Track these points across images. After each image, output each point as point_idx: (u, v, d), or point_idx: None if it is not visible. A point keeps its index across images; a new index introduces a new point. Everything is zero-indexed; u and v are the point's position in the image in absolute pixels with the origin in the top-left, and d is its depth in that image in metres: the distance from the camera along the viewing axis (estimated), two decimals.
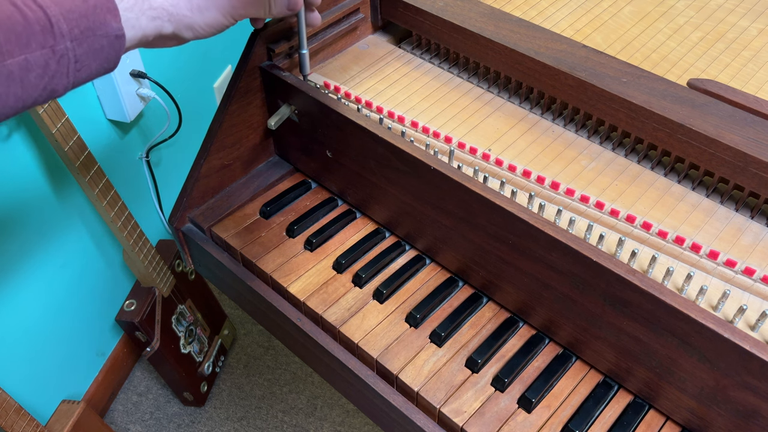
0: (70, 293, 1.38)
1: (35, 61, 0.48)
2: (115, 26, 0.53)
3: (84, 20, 0.51)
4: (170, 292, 1.47)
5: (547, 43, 0.79)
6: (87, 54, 0.52)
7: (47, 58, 0.49)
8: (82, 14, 0.51)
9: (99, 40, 0.52)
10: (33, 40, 0.48)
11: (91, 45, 0.52)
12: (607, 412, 0.66)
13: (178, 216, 0.88)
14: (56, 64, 0.50)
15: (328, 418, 1.61)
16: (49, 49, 0.49)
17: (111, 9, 0.53)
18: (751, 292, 0.63)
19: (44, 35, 0.49)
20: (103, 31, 0.52)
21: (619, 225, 0.70)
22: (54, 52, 0.49)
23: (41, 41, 0.48)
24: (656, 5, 0.96)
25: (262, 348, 1.75)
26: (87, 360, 1.52)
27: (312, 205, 0.87)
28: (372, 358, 0.71)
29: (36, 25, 0.48)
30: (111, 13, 0.53)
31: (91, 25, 0.52)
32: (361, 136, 0.74)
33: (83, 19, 0.51)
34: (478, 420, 0.66)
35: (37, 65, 0.49)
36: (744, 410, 0.57)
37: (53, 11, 0.49)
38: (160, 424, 1.61)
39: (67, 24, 0.50)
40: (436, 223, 0.74)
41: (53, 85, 0.50)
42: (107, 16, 0.53)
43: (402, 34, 0.96)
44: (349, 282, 0.78)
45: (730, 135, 0.67)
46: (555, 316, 0.68)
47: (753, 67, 0.85)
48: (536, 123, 0.81)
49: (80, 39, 0.51)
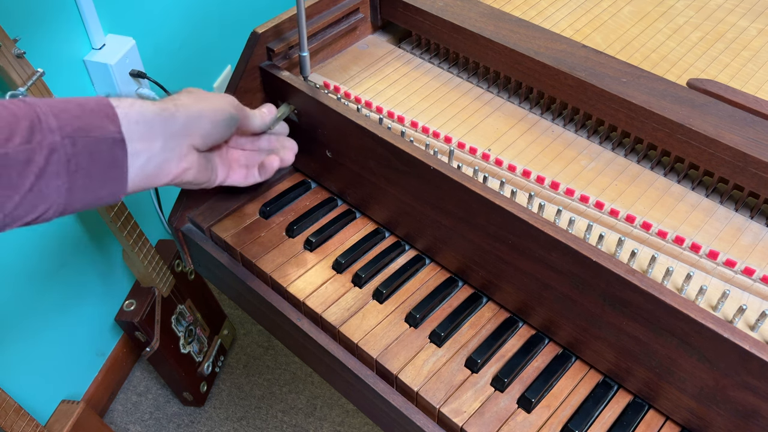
0: (70, 293, 1.38)
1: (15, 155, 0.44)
2: (112, 129, 0.50)
3: (77, 121, 0.48)
4: (170, 292, 1.47)
5: (546, 43, 0.79)
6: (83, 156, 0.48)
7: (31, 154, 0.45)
8: (75, 115, 0.48)
9: (96, 143, 0.49)
10: (17, 134, 0.45)
11: (87, 147, 0.48)
12: (607, 412, 0.66)
13: (178, 216, 0.88)
14: (44, 160, 0.46)
15: (327, 418, 1.61)
16: (36, 144, 0.45)
17: (109, 114, 0.50)
18: (751, 292, 0.63)
19: (31, 130, 0.45)
20: (98, 133, 0.49)
21: (618, 225, 0.70)
22: (41, 147, 0.46)
23: (26, 136, 0.45)
24: (656, 5, 0.96)
25: (261, 348, 1.75)
26: (86, 360, 1.52)
27: (312, 205, 0.87)
28: (372, 358, 0.71)
29: (23, 120, 0.45)
30: (108, 118, 0.50)
31: (85, 126, 0.48)
32: (360, 136, 0.74)
33: (76, 120, 0.48)
34: (477, 420, 0.66)
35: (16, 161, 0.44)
36: (744, 410, 0.57)
37: (43, 109, 0.47)
38: (160, 424, 1.61)
39: (57, 121, 0.47)
40: (436, 223, 0.74)
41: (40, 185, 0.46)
42: (104, 120, 0.49)
43: (402, 34, 0.96)
44: (348, 282, 0.78)
45: (730, 135, 0.67)
46: (555, 316, 0.68)
47: (753, 67, 0.85)
48: (536, 123, 0.81)
49: (73, 137, 0.47)
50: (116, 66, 1.22)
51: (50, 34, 1.12)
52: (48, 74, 1.03)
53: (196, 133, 0.59)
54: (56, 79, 1.14)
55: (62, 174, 0.47)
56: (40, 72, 1.00)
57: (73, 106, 0.49)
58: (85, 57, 1.22)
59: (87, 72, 1.23)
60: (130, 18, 1.30)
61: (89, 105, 0.50)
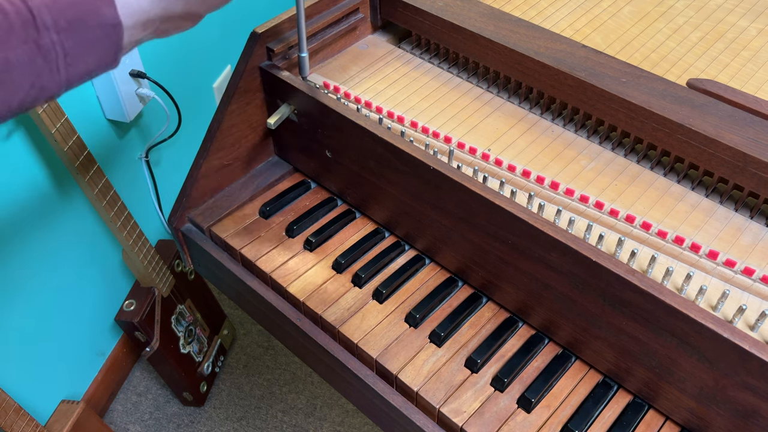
0: (70, 293, 1.38)
1: (17, 58, 0.44)
2: (108, 14, 0.49)
3: (72, 10, 0.46)
4: (170, 292, 1.47)
5: (546, 43, 0.79)
6: (79, 47, 0.47)
7: (31, 54, 0.45)
8: (69, 3, 0.46)
9: (92, 30, 0.48)
10: (13, 36, 0.44)
11: (83, 36, 0.47)
12: (607, 412, 0.66)
13: (178, 216, 0.88)
14: (42, 60, 0.45)
15: (327, 418, 1.61)
16: (33, 43, 0.45)
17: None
18: (751, 292, 0.63)
19: (25, 29, 0.44)
20: (95, 21, 0.48)
21: (618, 225, 0.70)
22: (39, 47, 0.45)
23: (22, 36, 0.44)
24: (655, 5, 0.96)
25: (261, 348, 1.75)
26: (86, 360, 1.52)
27: (311, 205, 0.87)
28: (371, 358, 0.71)
29: (16, 19, 0.44)
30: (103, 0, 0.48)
31: (81, 15, 0.47)
32: (360, 136, 0.74)
33: (71, 8, 0.46)
34: (477, 420, 0.66)
35: (19, 63, 0.44)
36: (743, 410, 0.57)
37: (35, 2, 0.45)
38: (160, 424, 1.61)
39: (51, 15, 0.45)
40: (436, 223, 0.74)
41: (42, 82, 0.46)
42: (99, 3, 0.48)
43: (401, 34, 0.96)
44: (348, 282, 0.78)
45: (730, 135, 0.67)
46: (554, 316, 0.68)
47: (752, 67, 0.85)
48: (536, 123, 0.81)
49: (68, 30, 0.46)
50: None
51: None
52: None
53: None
54: None
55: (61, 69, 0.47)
56: None
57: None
58: None
59: None
60: None
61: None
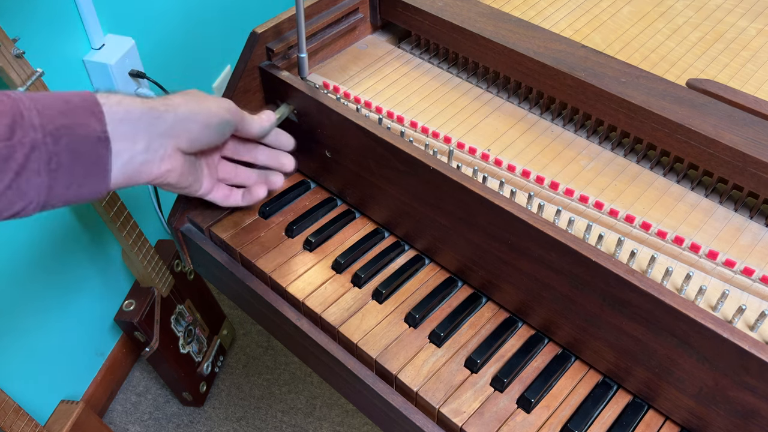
0: (69, 293, 1.38)
1: None
2: (96, 128, 0.49)
3: (61, 117, 0.47)
4: (169, 292, 1.47)
5: (546, 43, 0.79)
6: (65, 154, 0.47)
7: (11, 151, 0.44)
8: (60, 111, 0.47)
9: (79, 141, 0.47)
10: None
11: (70, 145, 0.47)
12: (606, 412, 0.66)
13: (177, 216, 0.87)
14: (23, 157, 0.45)
15: (327, 418, 1.61)
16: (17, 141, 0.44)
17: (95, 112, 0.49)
18: (750, 292, 0.63)
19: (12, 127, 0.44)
20: (82, 131, 0.48)
21: (618, 225, 0.70)
22: (21, 144, 0.45)
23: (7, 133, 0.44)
24: (655, 5, 0.96)
25: (261, 348, 1.75)
26: (86, 360, 1.52)
27: (311, 205, 0.87)
28: (371, 358, 0.71)
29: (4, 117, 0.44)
30: (94, 116, 0.48)
31: (69, 123, 0.47)
32: (360, 136, 0.74)
33: (60, 116, 0.47)
34: (477, 420, 0.66)
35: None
36: (743, 410, 0.57)
37: (26, 104, 0.46)
38: (159, 424, 1.61)
39: (40, 117, 0.46)
40: (436, 223, 0.74)
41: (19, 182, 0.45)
42: (89, 117, 0.48)
43: (401, 34, 0.96)
44: (348, 282, 0.78)
45: (729, 135, 0.67)
46: (554, 316, 0.68)
47: (752, 67, 0.85)
48: (535, 123, 0.81)
49: (56, 135, 0.46)
50: (116, 66, 1.22)
51: (49, 34, 1.12)
52: (47, 74, 1.03)
53: (184, 136, 0.58)
54: (55, 79, 1.14)
55: (42, 172, 0.46)
56: (39, 72, 1.00)
57: (59, 101, 0.48)
58: (84, 57, 1.22)
59: (86, 72, 1.23)
60: (129, 18, 1.30)
61: (75, 101, 0.49)
